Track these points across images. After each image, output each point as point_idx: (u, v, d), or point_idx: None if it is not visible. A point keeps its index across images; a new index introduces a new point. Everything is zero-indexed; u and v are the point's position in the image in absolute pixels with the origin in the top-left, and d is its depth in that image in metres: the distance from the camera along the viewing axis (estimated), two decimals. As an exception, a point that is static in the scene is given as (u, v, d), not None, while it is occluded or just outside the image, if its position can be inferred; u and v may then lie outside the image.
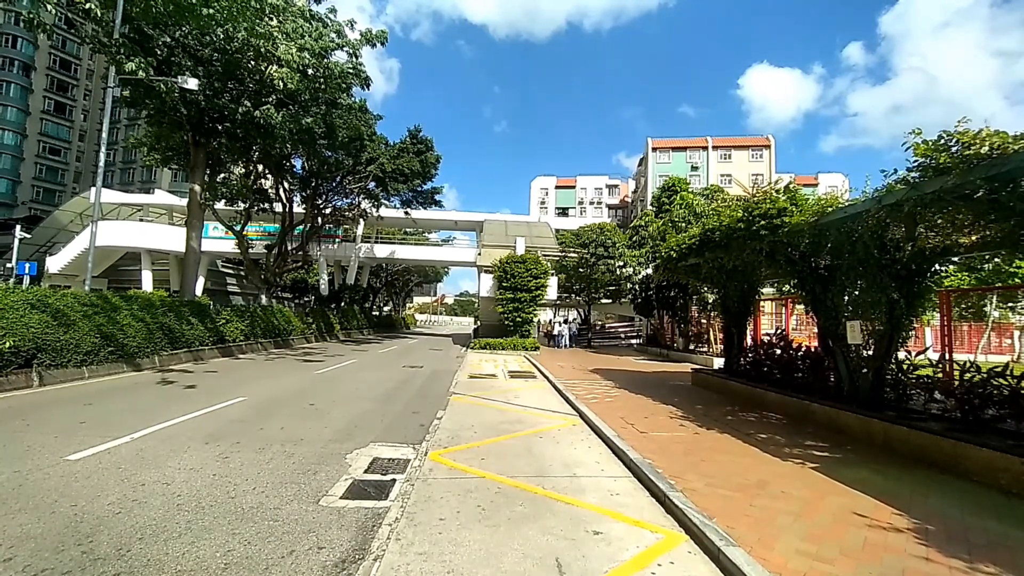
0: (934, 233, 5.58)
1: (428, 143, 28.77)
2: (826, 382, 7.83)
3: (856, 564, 3.17)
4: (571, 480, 4.97)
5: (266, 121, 15.31)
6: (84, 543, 3.31)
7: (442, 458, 5.55)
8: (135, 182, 65.04)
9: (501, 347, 22.24)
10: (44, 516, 3.68)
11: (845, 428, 6.68)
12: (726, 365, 11.20)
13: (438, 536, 3.60)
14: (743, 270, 9.55)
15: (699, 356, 17.93)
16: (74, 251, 32.26)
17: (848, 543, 3.47)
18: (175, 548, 3.29)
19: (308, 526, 3.70)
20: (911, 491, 4.55)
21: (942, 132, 4.43)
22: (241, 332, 16.78)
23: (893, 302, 6.34)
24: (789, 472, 5.07)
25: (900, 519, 3.91)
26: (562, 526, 3.83)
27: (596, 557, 3.35)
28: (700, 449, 5.91)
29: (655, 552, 3.47)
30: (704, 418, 7.76)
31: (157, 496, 4.15)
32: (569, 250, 30.20)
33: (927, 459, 5.36)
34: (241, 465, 5.03)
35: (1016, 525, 3.83)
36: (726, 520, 3.74)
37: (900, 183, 5.11)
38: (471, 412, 8.28)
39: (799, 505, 4.16)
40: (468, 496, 4.41)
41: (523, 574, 3.11)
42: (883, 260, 6.21)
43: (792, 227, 6.66)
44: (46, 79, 67.20)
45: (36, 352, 8.67)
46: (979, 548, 3.42)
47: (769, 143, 61.47)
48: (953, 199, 4.42)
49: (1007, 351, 19.91)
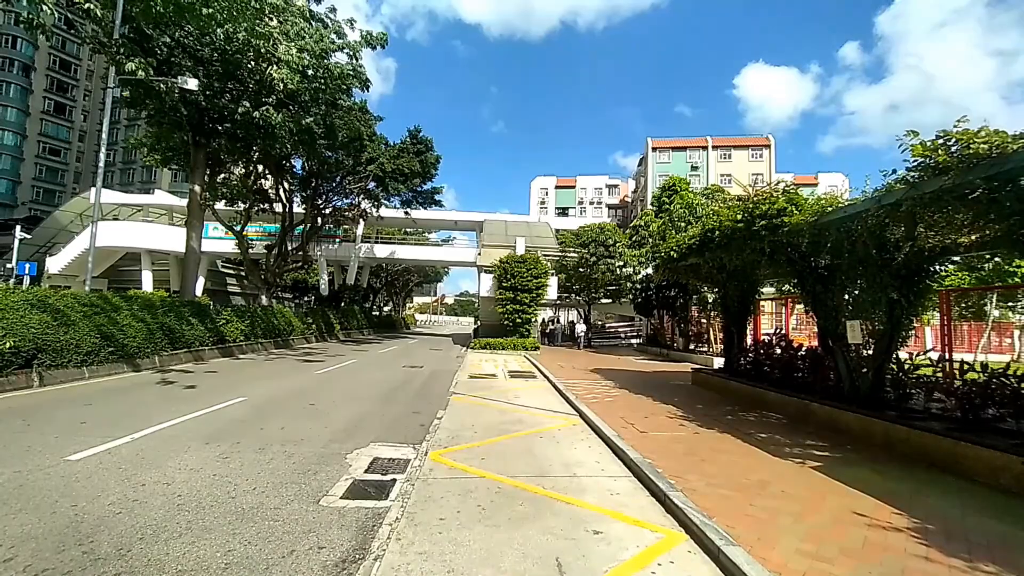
0: (933, 233, 5.58)
1: (428, 143, 28.77)
2: (826, 382, 7.82)
3: (856, 563, 3.18)
4: (571, 480, 4.97)
5: (266, 121, 15.32)
6: (85, 543, 3.31)
7: (442, 458, 5.56)
8: (135, 182, 65.09)
9: (501, 347, 22.25)
10: (45, 516, 3.68)
11: (845, 428, 6.67)
12: (726, 365, 11.20)
13: (438, 536, 3.60)
14: (743, 270, 9.55)
15: (699, 356, 17.94)
16: (74, 251, 32.22)
17: (848, 543, 3.47)
18: (176, 548, 3.30)
19: (308, 526, 3.71)
20: (911, 491, 4.55)
21: (939, 132, 4.44)
22: (241, 332, 16.79)
23: (893, 302, 6.35)
24: (789, 472, 5.07)
25: (900, 519, 3.91)
26: (562, 526, 3.83)
27: (596, 556, 3.35)
28: (700, 449, 5.91)
29: (655, 551, 3.47)
30: (704, 418, 7.77)
31: (158, 496, 4.15)
32: (569, 250, 30.21)
33: (928, 459, 5.36)
34: (241, 465, 5.04)
35: (1016, 525, 3.83)
36: (726, 520, 3.75)
37: (899, 183, 5.12)
38: (471, 412, 8.28)
39: (799, 505, 4.16)
40: (468, 496, 4.41)
41: (523, 574, 3.11)
42: (883, 259, 6.21)
43: (792, 227, 6.67)
44: (46, 80, 67.25)
45: (36, 352, 8.68)
46: (979, 548, 3.43)
47: (769, 143, 61.47)
48: (952, 199, 4.42)
49: (1007, 350, 19.95)
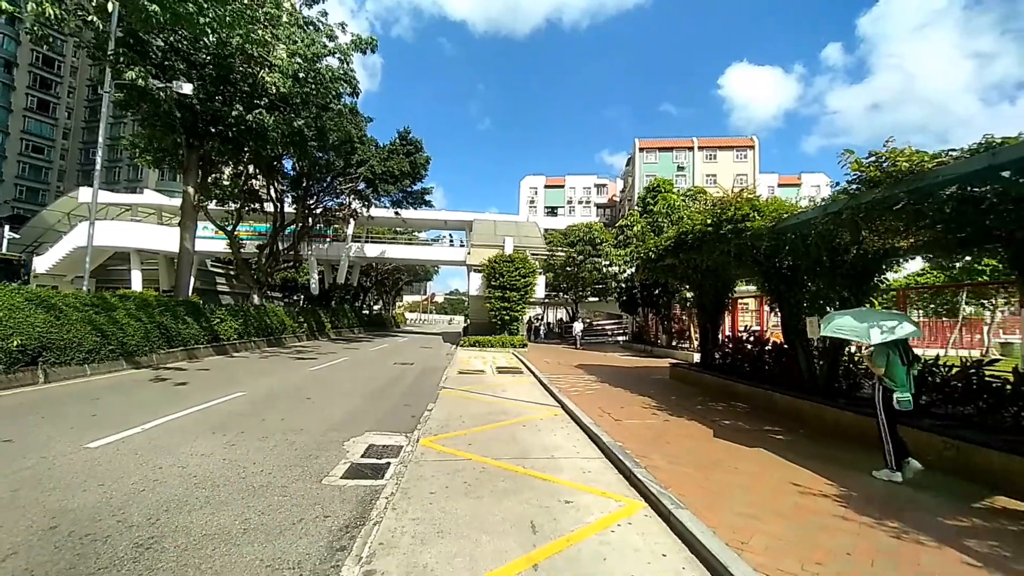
0: (876, 237, 6.19)
1: (417, 144, 29.17)
2: (789, 374, 8.45)
3: (784, 522, 3.75)
4: (549, 461, 5.51)
5: (259, 124, 15.64)
6: (117, 514, 3.77)
7: (433, 444, 6.06)
8: (120, 181, 64.34)
9: (490, 344, 22.78)
10: (76, 493, 4.13)
11: (803, 415, 7.30)
12: (702, 360, 11.83)
13: (429, 506, 4.11)
14: (716, 270, 10.15)
15: (680, 352, 18.61)
16: (62, 251, 32.13)
17: (781, 507, 4.05)
18: (198, 517, 3.77)
19: (313, 500, 4.20)
20: (848, 467, 5.17)
21: (871, 151, 5.04)
22: (235, 331, 17.11)
23: (844, 299, 6.99)
24: (744, 452, 5.66)
25: (831, 488, 4.51)
26: (538, 498, 4.36)
27: (565, 520, 3.89)
28: (667, 434, 6.49)
29: (617, 516, 4.02)
30: (676, 408, 8.36)
31: (175, 477, 4.61)
32: (557, 249, 30.80)
33: (869, 440, 5.93)
34: (247, 451, 5.50)
35: (926, 491, 4.46)
36: (680, 490, 4.31)
37: (842, 194, 5.72)
38: (460, 404, 8.79)
39: (747, 479, 4.74)
40: (456, 475, 4.93)
41: (502, 533, 3.64)
42: (834, 261, 6.84)
43: (754, 231, 7.26)
44: (29, 76, 66.22)
45: (41, 350, 9.01)
46: (889, 509, 4.02)
47: (753, 144, 62.58)
48: (882, 209, 5.02)
49: (977, 345, 20.94)
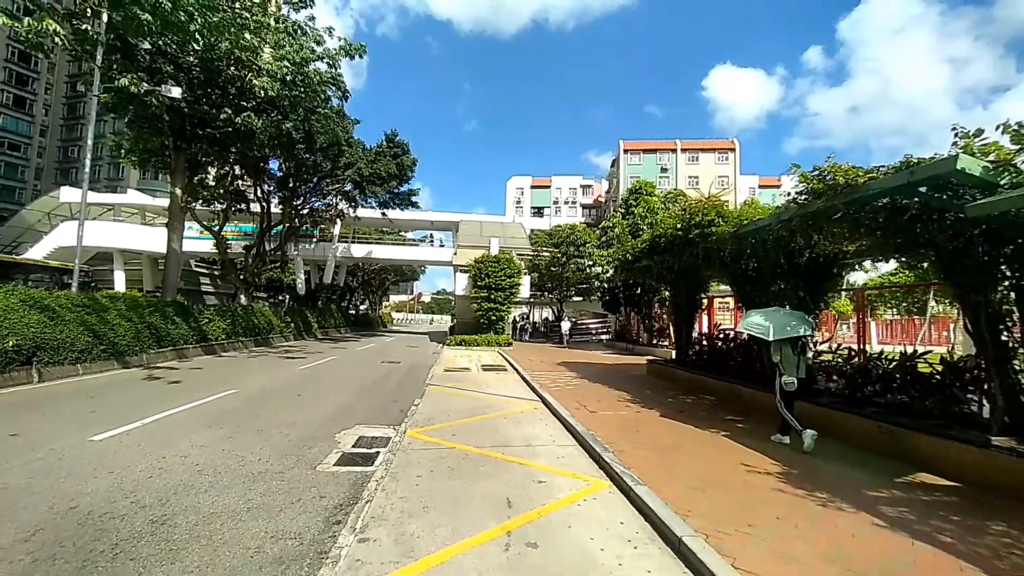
0: (827, 243, 6.78)
1: (404, 146, 29.43)
2: (754, 368, 9.05)
3: (728, 494, 4.28)
4: (527, 448, 5.99)
5: (247, 127, 15.85)
6: (130, 496, 4.15)
7: (419, 435, 6.50)
8: (101, 180, 63.22)
9: (476, 343, 23.24)
10: (89, 480, 4.49)
11: (762, 406, 7.85)
12: (676, 356, 12.42)
13: (415, 487, 4.56)
14: (688, 271, 10.73)
15: (660, 349, 19.24)
16: (43, 251, 31.65)
17: (729, 483, 4.58)
18: (205, 499, 4.17)
19: (310, 483, 4.62)
20: (793, 450, 5.73)
21: (815, 166, 5.62)
22: (223, 331, 17.30)
23: (800, 299, 7.58)
24: (703, 438, 6.21)
25: (775, 467, 5.06)
26: (515, 479, 4.84)
27: (538, 496, 4.37)
28: (637, 424, 7.02)
29: (584, 493, 4.51)
30: (648, 400, 8.91)
31: (179, 465, 4.99)
32: (542, 250, 31.35)
33: (819, 427, 6.48)
34: (245, 443, 5.88)
35: (858, 469, 5.04)
36: (641, 470, 4.81)
37: (792, 203, 6.30)
38: (445, 400, 9.22)
39: (703, 461, 5.28)
40: (440, 461, 5.38)
41: (481, 508, 4.10)
42: (791, 264, 7.44)
43: (718, 236, 7.83)
44: (4, 72, 64.76)
45: (36, 350, 9.22)
46: (823, 484, 4.58)
47: (734, 146, 63.89)
48: (825, 218, 5.59)
49: (944, 342, 22.02)
